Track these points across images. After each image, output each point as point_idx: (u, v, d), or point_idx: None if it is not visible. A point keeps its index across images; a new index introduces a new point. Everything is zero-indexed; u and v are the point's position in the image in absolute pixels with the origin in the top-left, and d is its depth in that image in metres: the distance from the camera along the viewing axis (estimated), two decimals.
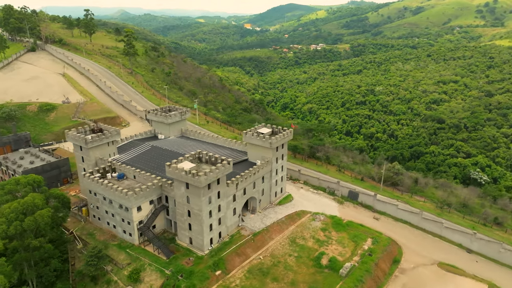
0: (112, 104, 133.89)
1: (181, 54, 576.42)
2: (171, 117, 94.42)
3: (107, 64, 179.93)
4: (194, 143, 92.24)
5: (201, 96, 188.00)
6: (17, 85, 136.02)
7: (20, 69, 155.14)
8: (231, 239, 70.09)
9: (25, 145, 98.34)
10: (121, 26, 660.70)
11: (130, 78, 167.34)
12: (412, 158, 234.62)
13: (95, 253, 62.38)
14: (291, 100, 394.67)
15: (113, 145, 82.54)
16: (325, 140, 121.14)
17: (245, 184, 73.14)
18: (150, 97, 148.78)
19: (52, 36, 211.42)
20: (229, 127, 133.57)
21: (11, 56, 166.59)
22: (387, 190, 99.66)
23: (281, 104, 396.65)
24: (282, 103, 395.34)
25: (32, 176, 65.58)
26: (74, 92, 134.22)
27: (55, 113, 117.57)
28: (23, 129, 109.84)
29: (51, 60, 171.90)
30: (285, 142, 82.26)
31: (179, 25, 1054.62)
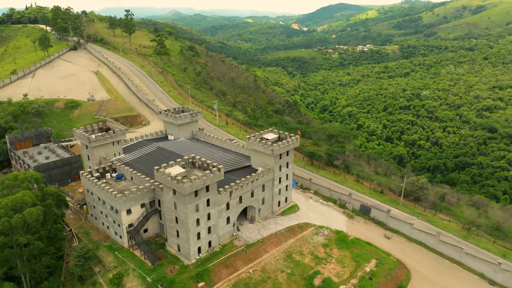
0: (137, 103, 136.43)
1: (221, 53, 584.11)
2: (180, 118, 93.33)
3: (141, 63, 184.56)
4: (201, 145, 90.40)
5: (230, 96, 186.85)
6: (52, 82, 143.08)
7: (59, 67, 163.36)
8: (222, 249, 67.12)
9: (46, 141, 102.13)
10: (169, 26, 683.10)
11: (160, 77, 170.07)
12: (456, 169, 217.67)
13: (82, 254, 62.33)
14: (331, 102, 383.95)
15: (118, 145, 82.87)
16: (346, 147, 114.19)
17: (241, 192, 69.78)
18: (176, 96, 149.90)
19: (95, 35, 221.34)
20: (250, 129, 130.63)
21: (53, 55, 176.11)
22: (408, 205, 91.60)
23: (320, 106, 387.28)
24: (321, 105, 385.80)
25: (30, 173, 67.08)
26: (101, 90, 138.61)
27: (79, 110, 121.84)
28: (49, 125, 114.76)
29: (89, 58, 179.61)
30: (290, 149, 77.70)
31: (227, 25, 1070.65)
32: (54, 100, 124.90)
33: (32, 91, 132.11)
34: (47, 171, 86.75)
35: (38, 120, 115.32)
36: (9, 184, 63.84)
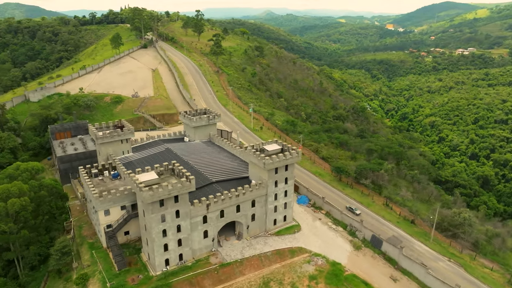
0: (179, 101, 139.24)
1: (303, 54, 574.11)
2: (195, 120, 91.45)
3: (200, 61, 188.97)
4: (211, 150, 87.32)
5: (283, 99, 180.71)
6: (111, 78, 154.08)
7: (124, 64, 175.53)
8: (194, 264, 63.14)
9: (84, 133, 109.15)
10: (257, 26, 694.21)
11: (214, 76, 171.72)
12: None
13: (59, 248, 63.97)
14: (413, 110, 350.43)
15: (127, 143, 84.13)
16: (384, 165, 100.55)
17: (222, 206, 64.78)
18: (221, 97, 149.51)
19: (167, 34, 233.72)
20: (286, 136, 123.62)
21: (123, 52, 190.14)
22: (441, 242, 76.96)
23: (400, 114, 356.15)
24: (402, 113, 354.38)
25: (31, 164, 71.22)
26: (150, 87, 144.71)
27: (122, 106, 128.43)
28: (95, 118, 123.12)
29: (153, 56, 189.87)
30: (289, 164, 70.06)
31: (317, 25, 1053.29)
32: (104, 95, 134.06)
33: (91, 86, 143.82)
34: (70, 162, 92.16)
35: (87, 113, 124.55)
36: (10, 174, 68.58)
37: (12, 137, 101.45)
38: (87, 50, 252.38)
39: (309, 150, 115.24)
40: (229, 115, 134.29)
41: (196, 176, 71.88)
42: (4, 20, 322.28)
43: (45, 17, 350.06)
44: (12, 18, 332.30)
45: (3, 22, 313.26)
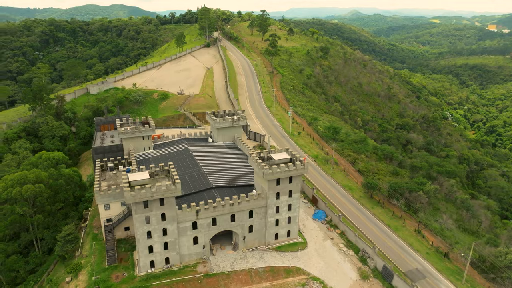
0: (223, 101, 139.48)
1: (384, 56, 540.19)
2: (219, 122, 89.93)
3: (257, 61, 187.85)
4: (228, 153, 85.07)
5: (337, 104, 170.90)
6: (167, 75, 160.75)
7: (184, 62, 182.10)
8: (180, 270, 61.58)
9: None
10: (338, 27, 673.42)
11: (266, 77, 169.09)
12: None
13: (64, 236, 67.40)
14: (505, 123, 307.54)
15: (148, 140, 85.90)
16: (426, 185, 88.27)
17: (214, 213, 62.05)
18: (269, 98, 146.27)
19: (232, 33, 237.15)
20: (325, 143, 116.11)
21: (185, 50, 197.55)
22: (478, 285, 65.15)
23: (488, 126, 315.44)
24: (490, 126, 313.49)
25: (54, 154, 76.29)
26: (198, 85, 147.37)
27: (166, 103, 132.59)
28: (142, 112, 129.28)
29: (212, 55, 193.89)
30: (293, 175, 64.60)
31: (406, 26, 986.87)
32: (153, 91, 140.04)
33: (146, 82, 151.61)
34: (103, 153, 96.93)
35: (136, 107, 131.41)
36: (33, 161, 74.24)
37: (64, 126, 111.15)
38: (161, 48, 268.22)
39: (346, 161, 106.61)
40: (270, 117, 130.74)
41: (199, 179, 70.58)
42: (99, 19, 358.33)
43: (132, 17, 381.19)
44: (105, 18, 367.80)
45: (97, 21, 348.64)
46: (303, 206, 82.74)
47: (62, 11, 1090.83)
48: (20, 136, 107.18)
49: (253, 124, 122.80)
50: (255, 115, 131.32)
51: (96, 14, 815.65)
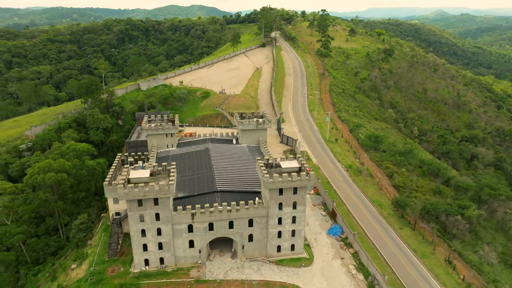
0: (264, 102, 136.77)
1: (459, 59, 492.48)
2: (243, 123, 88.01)
3: (310, 62, 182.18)
4: (247, 157, 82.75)
5: (391, 110, 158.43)
6: (215, 74, 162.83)
7: (235, 61, 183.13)
8: (173, 272, 60.98)
9: None
10: (415, 28, 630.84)
11: (316, 79, 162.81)
12: None
13: (77, 224, 70.94)
14: None
15: (171, 138, 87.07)
16: (469, 210, 77.06)
17: (210, 218, 60.30)
18: (313, 101, 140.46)
19: (290, 33, 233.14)
20: (363, 152, 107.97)
21: (239, 50, 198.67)
22: None
23: None
24: None
25: (81, 145, 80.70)
26: (241, 85, 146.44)
27: (206, 101, 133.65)
28: (184, 109, 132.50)
29: (265, 55, 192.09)
30: (297, 186, 60.21)
31: (499, 27, 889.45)
32: (197, 89, 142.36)
33: (194, 80, 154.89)
34: (135, 147, 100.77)
35: (180, 105, 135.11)
36: (62, 151, 79.32)
37: (108, 119, 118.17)
38: (222, 47, 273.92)
39: (383, 173, 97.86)
40: (310, 121, 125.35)
41: (206, 182, 69.34)
42: (170, 19, 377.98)
43: (201, 17, 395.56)
44: (176, 18, 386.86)
45: (168, 21, 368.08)
46: (321, 219, 77.36)
47: (147, 12, 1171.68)
48: (71, 126, 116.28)
49: (289, 128, 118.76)
50: (294, 118, 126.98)
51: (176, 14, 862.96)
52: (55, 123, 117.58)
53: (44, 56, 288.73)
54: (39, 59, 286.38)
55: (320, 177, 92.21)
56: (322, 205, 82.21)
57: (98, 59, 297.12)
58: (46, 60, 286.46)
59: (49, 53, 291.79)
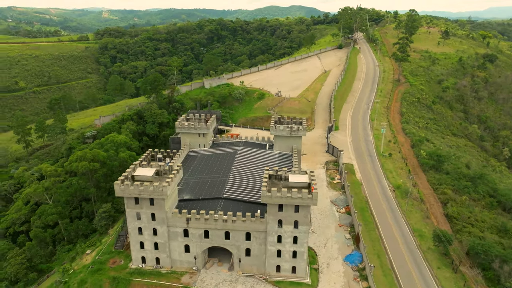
0: (322, 107, 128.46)
1: None
2: (275, 129, 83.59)
3: (386, 67, 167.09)
4: (276, 164, 78.22)
5: (475, 125, 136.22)
6: (280, 76, 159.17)
7: (305, 63, 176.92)
8: (166, 274, 60.29)
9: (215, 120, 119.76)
10: None
11: (388, 85, 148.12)
12: None
13: (100, 213, 75.13)
14: None
15: (204, 137, 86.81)
16: None
17: (205, 225, 57.95)
18: (379, 109, 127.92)
19: (374, 35, 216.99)
20: (421, 172, 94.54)
21: (313, 51, 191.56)
22: None
23: None
24: None
25: (119, 137, 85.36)
26: (300, 88, 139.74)
27: (260, 103, 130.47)
28: (239, 110, 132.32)
29: (339, 57, 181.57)
30: (299, 204, 54.31)
31: None
32: (255, 90, 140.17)
33: (257, 81, 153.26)
34: (178, 143, 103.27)
35: (236, 104, 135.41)
36: (101, 142, 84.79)
37: (164, 114, 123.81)
38: (303, 48, 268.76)
39: (437, 199, 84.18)
40: (368, 131, 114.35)
41: (216, 187, 67.21)
42: (258, 20, 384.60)
43: (289, 17, 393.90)
44: (264, 18, 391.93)
45: (256, 21, 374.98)
46: (342, 243, 69.32)
47: (247, 12, 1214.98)
48: (132, 119, 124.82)
49: (341, 137, 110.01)
50: (350, 127, 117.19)
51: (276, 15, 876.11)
52: (121, 114, 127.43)
53: (142, 53, 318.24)
54: (137, 55, 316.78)
55: (358, 195, 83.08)
56: (349, 227, 73.71)
57: (187, 56, 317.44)
58: (143, 56, 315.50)
59: (146, 50, 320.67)
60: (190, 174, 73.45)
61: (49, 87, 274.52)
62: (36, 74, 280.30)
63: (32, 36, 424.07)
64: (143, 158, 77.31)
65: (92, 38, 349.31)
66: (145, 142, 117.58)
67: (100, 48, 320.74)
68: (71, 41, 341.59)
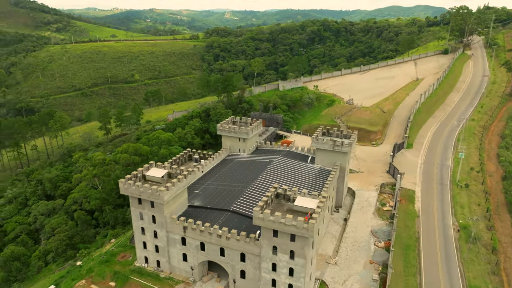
0: (400, 120, 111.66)
1: None
2: (317, 141, 75.38)
3: (498, 78, 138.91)
4: (304, 181, 70.57)
5: None
6: (362, 81, 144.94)
7: (396, 69, 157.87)
8: (163, 279, 58.87)
9: (275, 125, 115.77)
10: None
11: (495, 99, 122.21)
12: None
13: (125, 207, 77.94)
14: None
15: (244, 142, 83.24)
16: None
17: (201, 237, 54.62)
18: (470, 127, 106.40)
19: (494, 39, 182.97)
20: (504, 209, 75.20)
21: (410, 56, 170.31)
22: None
23: None
24: None
25: (165, 135, 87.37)
26: (380, 97, 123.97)
27: (328, 110, 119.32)
28: (306, 116, 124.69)
29: (440, 64, 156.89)
30: (294, 233, 46.97)
31: None
32: (327, 96, 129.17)
33: (336, 86, 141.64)
34: None
35: (305, 109, 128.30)
36: (149, 137, 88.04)
37: (229, 114, 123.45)
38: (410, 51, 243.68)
39: None
40: (448, 154, 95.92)
41: (229, 197, 63.35)
42: (365, 21, 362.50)
43: (400, 18, 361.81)
44: (372, 19, 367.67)
45: (363, 22, 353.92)
46: (367, 284, 58.55)
47: (366, 13, 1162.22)
48: (200, 116, 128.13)
49: (412, 157, 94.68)
50: (428, 146, 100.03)
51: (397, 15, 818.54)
52: (192, 111, 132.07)
53: (243, 52, 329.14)
54: (238, 54, 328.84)
55: (409, 228, 69.74)
56: (382, 266, 61.93)
57: (285, 57, 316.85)
58: (243, 56, 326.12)
59: (247, 49, 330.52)
60: (214, 180, 70.83)
61: (158, 80, 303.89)
62: (149, 68, 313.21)
63: (158, 34, 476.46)
64: (178, 157, 77.81)
65: (202, 37, 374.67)
66: (206, 140, 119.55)
67: (206, 47, 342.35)
68: (183, 39, 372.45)
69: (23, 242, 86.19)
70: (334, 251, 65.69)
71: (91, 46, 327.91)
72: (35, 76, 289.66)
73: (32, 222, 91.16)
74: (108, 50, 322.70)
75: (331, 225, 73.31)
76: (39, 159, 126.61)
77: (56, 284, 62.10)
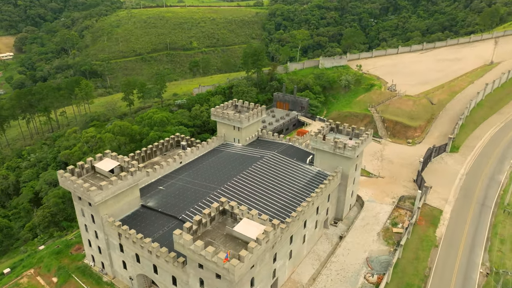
0: (452, 114, 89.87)
1: None
2: (316, 141, 61.61)
3: None
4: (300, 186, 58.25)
5: None
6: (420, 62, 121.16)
7: (468, 48, 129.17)
8: (105, 283, 52.73)
9: (299, 109, 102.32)
10: None
11: None
12: None
13: None
14: None
15: (239, 131, 72.25)
16: None
17: (134, 248, 46.55)
18: None
19: None
20: None
21: (492, 33, 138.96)
22: None
23: None
24: None
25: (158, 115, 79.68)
26: (435, 83, 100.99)
27: (364, 96, 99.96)
28: (340, 100, 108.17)
29: None
30: (217, 272, 36.41)
31: None
32: (367, 79, 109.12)
33: (383, 66, 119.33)
34: None
35: (342, 93, 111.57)
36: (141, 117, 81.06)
37: (252, 92, 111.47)
38: (498, 27, 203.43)
39: None
40: (504, 164, 74.83)
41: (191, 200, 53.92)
42: None
43: None
44: None
45: None
46: None
47: None
48: (225, 93, 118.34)
49: (454, 164, 75.55)
50: (479, 152, 79.13)
51: None
52: (218, 86, 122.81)
53: (306, 21, 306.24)
54: (301, 23, 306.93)
55: (419, 262, 54.55)
56: None
57: (352, 28, 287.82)
58: (306, 25, 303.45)
59: (312, 18, 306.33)
60: (188, 174, 61.76)
61: (215, 48, 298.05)
62: (208, 36, 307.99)
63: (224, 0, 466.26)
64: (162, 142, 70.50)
65: (267, 3, 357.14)
66: None
67: (269, 15, 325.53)
68: (247, 6, 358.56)
69: (24, 210, 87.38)
70: (311, 278, 53.57)
71: (156, 11, 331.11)
72: (102, 40, 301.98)
73: (38, 190, 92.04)
74: (172, 16, 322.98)
75: (321, 243, 60.55)
76: (69, 125, 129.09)
77: (12, 268, 59.64)
